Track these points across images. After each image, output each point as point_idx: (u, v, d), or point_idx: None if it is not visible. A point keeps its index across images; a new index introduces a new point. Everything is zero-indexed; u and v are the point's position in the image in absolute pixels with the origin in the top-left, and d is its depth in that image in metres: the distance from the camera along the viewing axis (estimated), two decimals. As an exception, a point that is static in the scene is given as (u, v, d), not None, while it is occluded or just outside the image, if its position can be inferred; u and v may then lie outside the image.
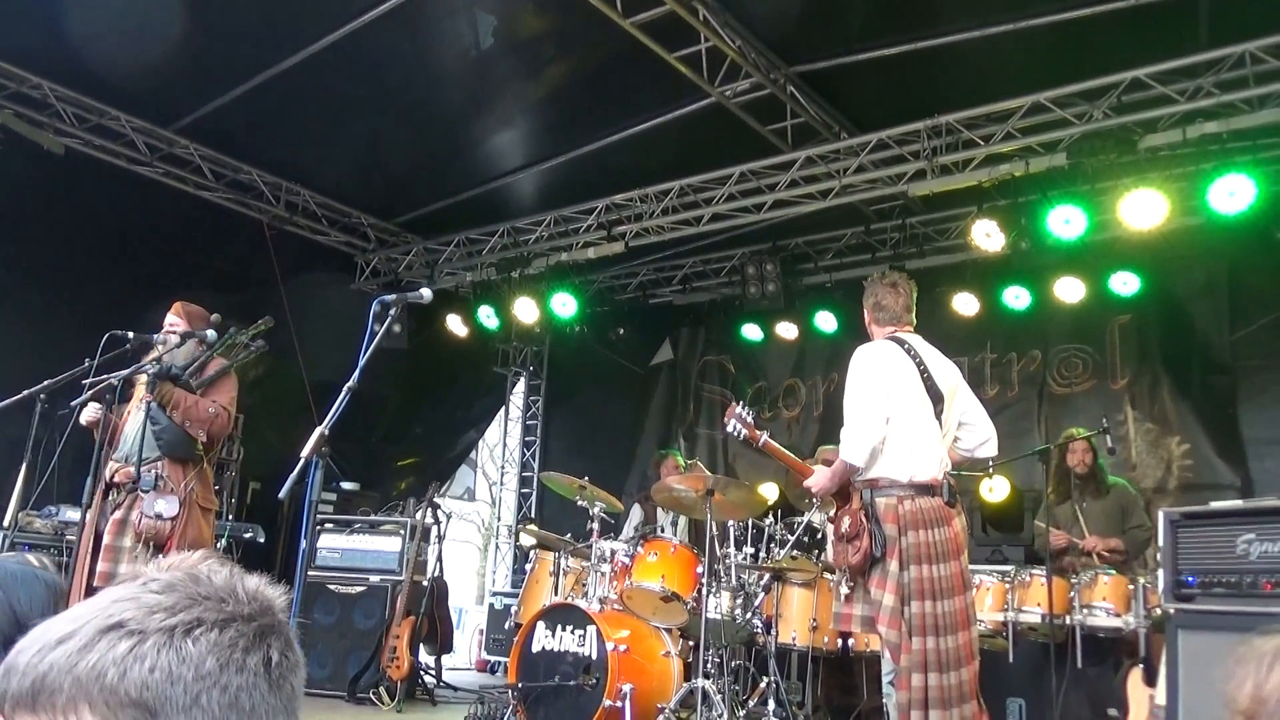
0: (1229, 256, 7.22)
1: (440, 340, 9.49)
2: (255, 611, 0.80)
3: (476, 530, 20.62)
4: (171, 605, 0.76)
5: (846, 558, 3.93)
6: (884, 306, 4.32)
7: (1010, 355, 8.18)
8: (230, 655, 0.76)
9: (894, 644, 3.79)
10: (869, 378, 4.05)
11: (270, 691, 0.77)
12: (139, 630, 0.74)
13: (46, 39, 6.26)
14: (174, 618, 0.75)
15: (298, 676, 0.82)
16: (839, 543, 4.01)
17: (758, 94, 6.49)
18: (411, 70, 6.68)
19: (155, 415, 4.51)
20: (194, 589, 0.78)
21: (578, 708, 4.94)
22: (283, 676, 0.79)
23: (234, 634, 0.77)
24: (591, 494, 5.96)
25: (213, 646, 0.75)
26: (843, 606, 4.03)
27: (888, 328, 4.29)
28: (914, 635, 3.76)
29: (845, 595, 4.00)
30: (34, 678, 0.72)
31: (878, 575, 3.86)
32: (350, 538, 7.31)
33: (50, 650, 0.74)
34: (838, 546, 4.03)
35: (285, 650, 0.80)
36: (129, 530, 4.47)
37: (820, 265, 8.69)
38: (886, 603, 3.81)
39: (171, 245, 7.85)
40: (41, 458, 4.77)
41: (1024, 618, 5.53)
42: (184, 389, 4.57)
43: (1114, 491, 6.20)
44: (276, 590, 0.84)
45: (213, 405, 4.63)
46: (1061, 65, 6.01)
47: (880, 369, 4.05)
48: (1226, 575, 3.64)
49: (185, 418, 4.55)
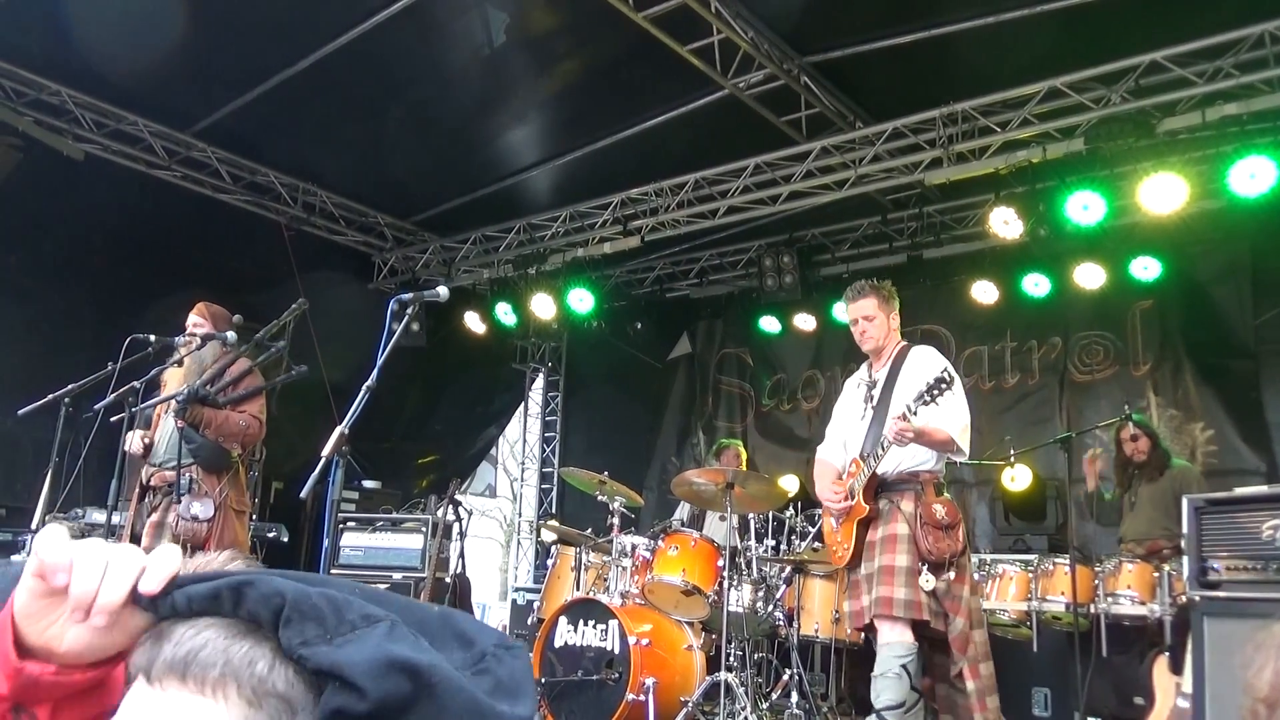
0: (1250, 239, 7.13)
1: (458, 338, 9.51)
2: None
3: (498, 526, 20.70)
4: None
5: (947, 546, 3.94)
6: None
7: (1030, 343, 8.12)
8: None
9: (968, 638, 3.95)
10: (958, 378, 4.08)
11: None
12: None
13: (64, 46, 6.32)
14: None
15: None
16: (934, 530, 3.95)
17: (771, 85, 6.47)
18: (425, 69, 6.70)
19: (189, 434, 4.59)
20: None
21: (601, 702, 4.95)
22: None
23: None
24: (611, 489, 5.97)
25: None
26: (914, 593, 3.92)
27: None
28: (975, 628, 4.01)
29: (913, 582, 3.93)
30: (189, 649, 0.75)
31: (957, 568, 3.98)
32: (373, 536, 7.35)
33: (206, 628, 0.76)
34: (933, 534, 3.95)
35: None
36: (166, 533, 4.55)
37: (837, 256, 8.66)
38: (965, 595, 3.98)
39: (190, 248, 7.91)
40: (67, 461, 4.83)
41: (1048, 607, 5.51)
42: (212, 406, 4.64)
43: (1169, 474, 6.03)
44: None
45: (243, 418, 4.72)
46: (1078, 49, 5.96)
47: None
48: (1252, 561, 3.61)
49: (219, 434, 4.65)
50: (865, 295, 4.35)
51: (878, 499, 4.13)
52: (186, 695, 0.73)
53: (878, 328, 4.32)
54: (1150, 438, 6.05)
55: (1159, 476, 6.03)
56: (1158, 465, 6.04)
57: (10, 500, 6.69)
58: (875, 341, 4.34)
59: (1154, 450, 6.04)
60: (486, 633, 0.81)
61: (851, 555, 4.15)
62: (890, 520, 4.07)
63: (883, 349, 4.35)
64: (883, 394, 4.24)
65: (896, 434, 3.86)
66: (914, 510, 4.02)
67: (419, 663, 0.71)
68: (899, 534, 4.01)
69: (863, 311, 4.35)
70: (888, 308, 4.34)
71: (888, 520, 4.08)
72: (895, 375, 4.25)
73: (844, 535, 4.23)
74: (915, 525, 3.97)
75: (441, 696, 0.71)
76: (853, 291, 4.42)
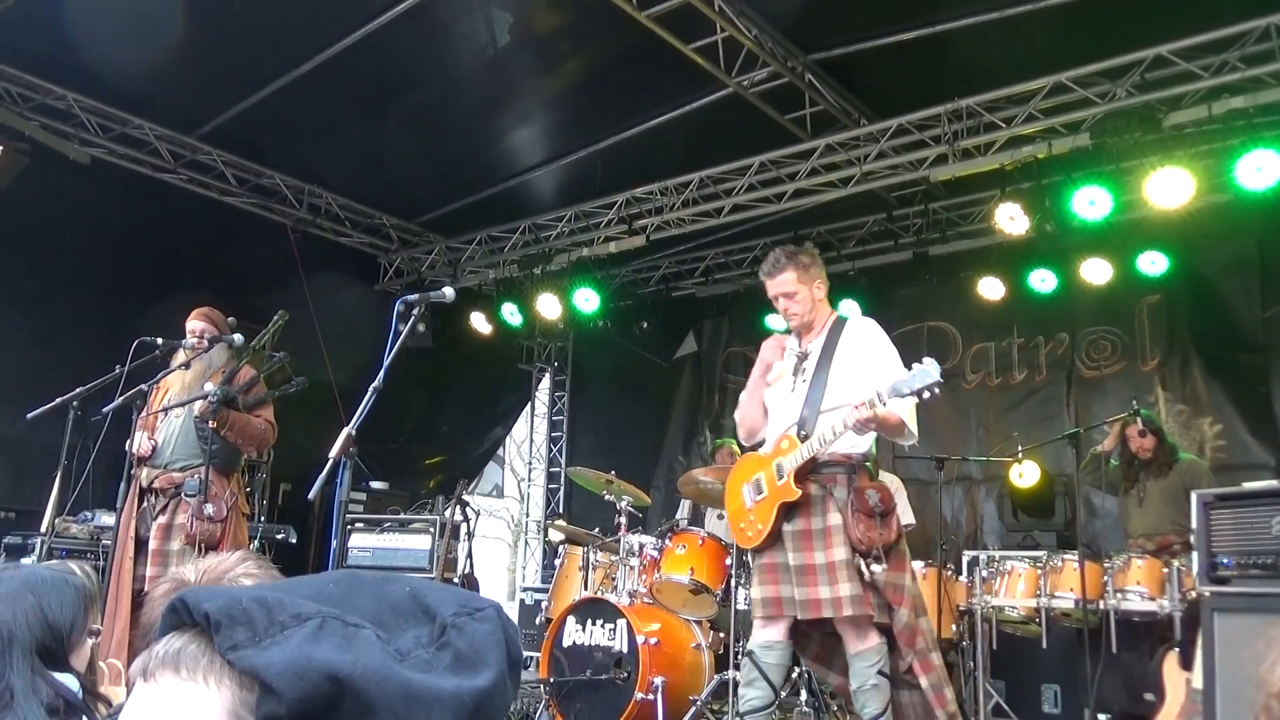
0: (1258, 233, 7.10)
1: (465, 338, 9.52)
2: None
3: (506, 526, 20.71)
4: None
5: (878, 535, 3.61)
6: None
7: (1037, 339, 8.10)
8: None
9: (915, 629, 3.67)
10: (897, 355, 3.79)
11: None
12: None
13: (70, 51, 6.34)
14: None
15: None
16: (865, 518, 3.63)
17: (775, 83, 6.46)
18: (429, 70, 6.71)
19: (210, 436, 4.62)
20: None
21: (610, 701, 4.96)
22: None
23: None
24: (619, 488, 5.97)
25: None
26: (858, 587, 3.60)
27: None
28: (919, 616, 3.73)
29: (852, 576, 3.62)
30: (178, 647, 0.76)
31: (896, 556, 3.69)
32: (381, 536, 7.36)
33: (188, 632, 0.77)
34: (864, 522, 3.62)
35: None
36: (177, 535, 4.57)
37: (843, 253, 8.64)
38: (906, 584, 3.71)
39: (196, 251, 7.94)
40: (76, 464, 4.84)
41: (1057, 603, 5.49)
42: (236, 410, 4.69)
43: (1177, 469, 6.00)
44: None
45: (261, 422, 4.78)
46: (1082, 44, 5.94)
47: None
48: (1262, 556, 3.59)
49: (239, 437, 4.69)
50: (782, 269, 3.90)
51: (808, 482, 3.75)
52: (180, 683, 0.74)
53: (801, 303, 3.91)
54: (1156, 433, 6.03)
55: (1167, 472, 6.00)
56: (1165, 461, 6.02)
57: (19, 503, 6.72)
58: (801, 318, 3.93)
59: (1160, 446, 6.02)
60: (448, 601, 0.79)
61: (766, 536, 3.78)
62: (824, 509, 3.72)
63: (812, 322, 3.94)
64: (818, 368, 3.84)
65: (859, 423, 3.52)
66: (846, 496, 3.70)
67: (337, 663, 0.71)
68: (833, 525, 3.68)
69: (783, 288, 3.91)
70: (809, 277, 3.91)
71: (821, 509, 3.72)
72: (832, 349, 3.86)
73: (760, 515, 3.84)
74: (847, 513, 3.65)
75: (366, 692, 0.70)
76: (768, 265, 3.96)
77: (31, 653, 1.81)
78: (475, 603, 0.80)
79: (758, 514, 3.84)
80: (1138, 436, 6.03)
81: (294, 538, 7.55)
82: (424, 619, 0.78)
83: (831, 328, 3.92)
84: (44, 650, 1.84)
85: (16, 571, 1.94)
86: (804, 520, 3.73)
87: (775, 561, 3.79)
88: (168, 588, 1.16)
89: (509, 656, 0.78)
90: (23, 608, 1.84)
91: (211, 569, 1.18)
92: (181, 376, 4.80)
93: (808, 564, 3.68)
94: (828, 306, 4.02)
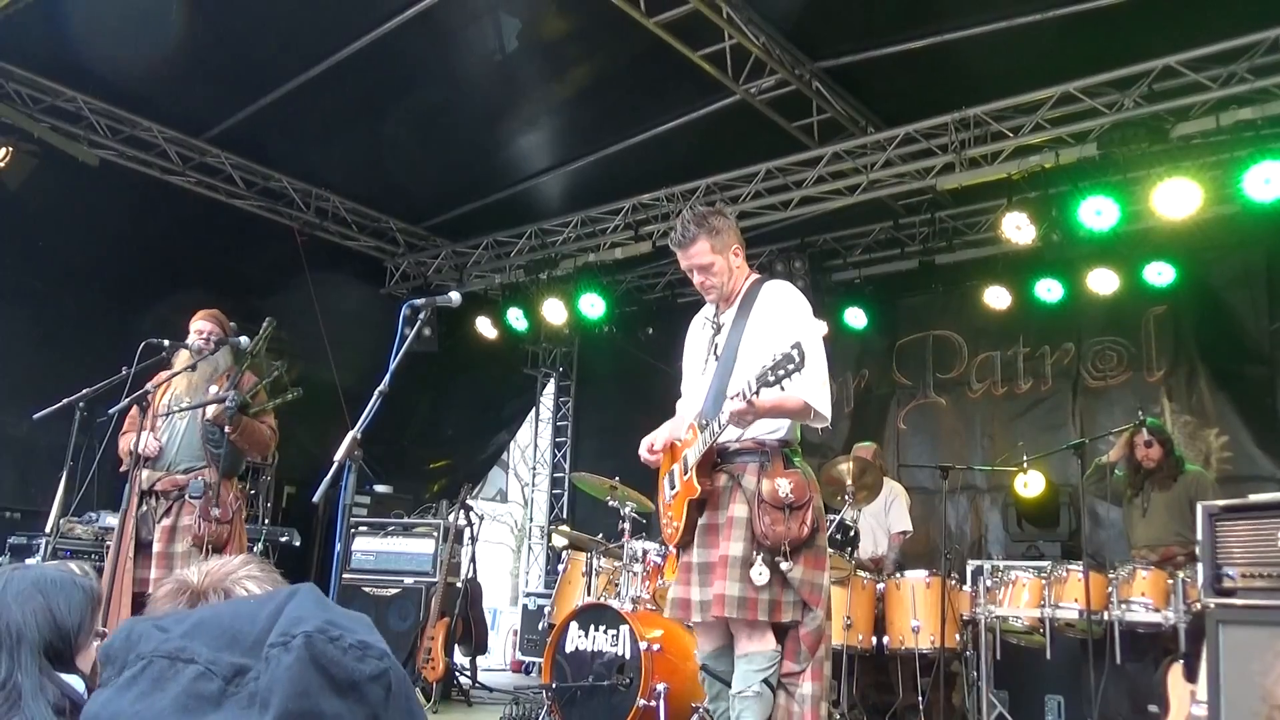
0: (1266, 245, 7.09)
1: (470, 343, 9.53)
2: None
3: (509, 532, 20.69)
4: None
5: (785, 530, 3.26)
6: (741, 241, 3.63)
7: (1043, 348, 8.08)
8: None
9: (823, 633, 3.37)
10: (818, 325, 3.46)
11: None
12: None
13: (79, 53, 6.37)
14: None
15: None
16: (773, 510, 3.28)
17: (783, 90, 6.47)
18: (437, 75, 6.73)
19: (218, 439, 4.66)
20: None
21: (612, 708, 4.95)
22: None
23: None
24: (623, 494, 5.97)
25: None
26: (746, 589, 3.25)
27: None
28: (829, 619, 3.47)
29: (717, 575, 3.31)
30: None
31: (811, 553, 3.35)
32: (384, 540, 7.37)
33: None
34: (771, 514, 3.28)
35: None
36: (179, 537, 4.58)
37: (849, 261, 8.64)
38: (824, 584, 3.38)
39: (204, 253, 7.95)
40: (81, 465, 4.86)
41: (1061, 614, 5.47)
42: (248, 415, 4.73)
43: (1182, 480, 5.96)
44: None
45: (265, 428, 4.83)
46: (1090, 54, 5.94)
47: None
48: (1268, 569, 3.58)
49: (246, 442, 4.71)
50: (693, 239, 3.50)
51: (717, 471, 3.44)
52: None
53: (719, 274, 3.54)
54: (1163, 444, 6.01)
55: (1172, 483, 5.99)
56: (1170, 472, 6.00)
57: (25, 504, 6.74)
58: (719, 291, 3.58)
59: (1166, 457, 6.00)
60: (280, 628, 0.79)
61: (682, 533, 3.46)
62: (730, 500, 3.38)
63: (731, 292, 3.59)
64: (728, 341, 3.52)
65: (734, 415, 3.19)
66: (755, 487, 3.35)
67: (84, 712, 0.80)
68: (736, 517, 3.34)
69: (696, 259, 3.53)
70: (724, 244, 3.52)
71: (727, 500, 3.39)
72: (745, 318, 3.51)
73: (675, 511, 3.53)
74: (754, 505, 3.31)
75: None
76: (677, 235, 3.56)
77: (39, 653, 1.82)
78: (295, 628, 0.79)
79: (674, 510, 3.54)
80: (1144, 446, 6.01)
81: (298, 540, 7.57)
82: (252, 650, 0.79)
83: (745, 296, 3.56)
84: (51, 651, 1.85)
85: (26, 572, 1.94)
86: (711, 514, 3.43)
87: (689, 560, 3.48)
88: (170, 588, 1.15)
89: (331, 682, 0.77)
90: (32, 608, 1.85)
91: (214, 571, 1.18)
92: (187, 378, 4.81)
93: (710, 560, 3.38)
94: (745, 271, 3.64)
